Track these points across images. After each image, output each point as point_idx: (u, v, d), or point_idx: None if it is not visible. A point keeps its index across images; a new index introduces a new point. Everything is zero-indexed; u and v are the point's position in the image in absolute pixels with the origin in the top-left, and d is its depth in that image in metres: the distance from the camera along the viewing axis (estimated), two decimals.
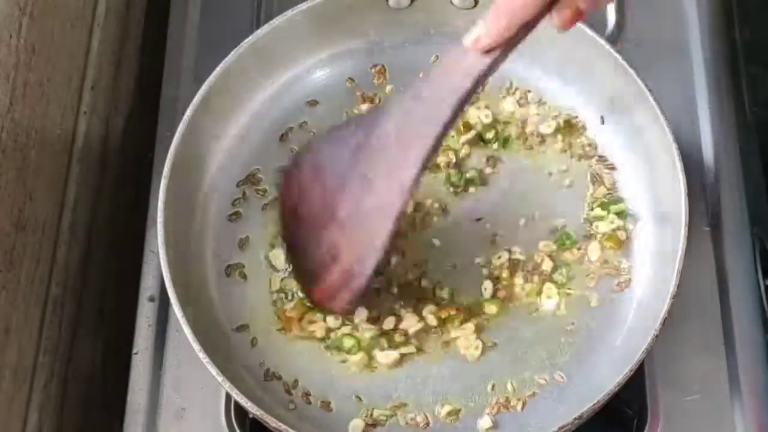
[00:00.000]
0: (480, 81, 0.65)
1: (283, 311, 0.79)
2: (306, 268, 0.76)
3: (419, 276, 0.80)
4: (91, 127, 0.89)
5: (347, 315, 0.77)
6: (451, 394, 0.76)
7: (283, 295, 0.79)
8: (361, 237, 0.71)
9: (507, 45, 0.63)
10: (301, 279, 0.78)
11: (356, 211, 0.71)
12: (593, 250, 0.80)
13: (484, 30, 0.63)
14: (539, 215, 0.81)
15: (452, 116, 0.66)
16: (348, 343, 0.77)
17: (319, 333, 0.78)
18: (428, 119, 0.67)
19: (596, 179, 0.82)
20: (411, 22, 0.86)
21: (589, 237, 0.80)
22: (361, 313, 0.78)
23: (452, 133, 0.84)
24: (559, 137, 0.83)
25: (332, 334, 0.78)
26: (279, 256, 0.80)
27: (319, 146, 0.75)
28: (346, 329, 0.77)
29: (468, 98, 0.66)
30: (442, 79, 0.66)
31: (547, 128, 0.83)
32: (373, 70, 0.87)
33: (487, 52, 0.64)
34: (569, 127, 0.83)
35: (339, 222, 0.72)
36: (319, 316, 0.78)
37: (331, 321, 0.78)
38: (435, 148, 0.67)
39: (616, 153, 0.82)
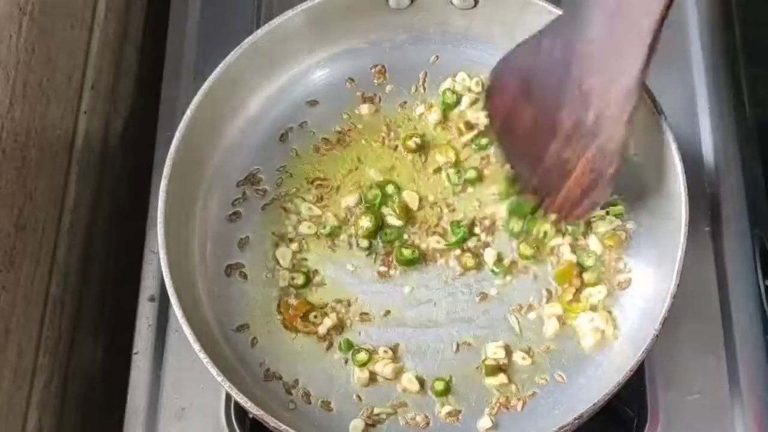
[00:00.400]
0: None
1: (286, 308, 0.79)
2: (533, 182, 0.76)
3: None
4: (91, 127, 0.89)
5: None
6: (451, 394, 0.76)
7: (290, 291, 0.79)
8: (594, 149, 0.70)
9: None
10: (529, 191, 0.78)
11: (581, 122, 0.70)
12: (595, 248, 0.80)
13: None
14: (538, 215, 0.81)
15: (666, 8, 0.64)
16: (361, 357, 0.77)
17: (321, 330, 0.78)
18: (640, 15, 0.64)
19: None
20: (411, 22, 0.86)
21: (589, 236, 0.80)
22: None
23: (452, 133, 0.84)
24: None
25: (335, 333, 0.78)
26: (285, 255, 0.80)
27: (517, 61, 0.73)
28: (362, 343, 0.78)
29: None
30: None
31: None
32: (373, 70, 0.87)
33: None
34: None
35: (564, 136, 0.71)
36: (320, 314, 0.79)
37: (331, 321, 0.78)
38: (654, 45, 0.65)
39: None
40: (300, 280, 0.79)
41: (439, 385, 0.76)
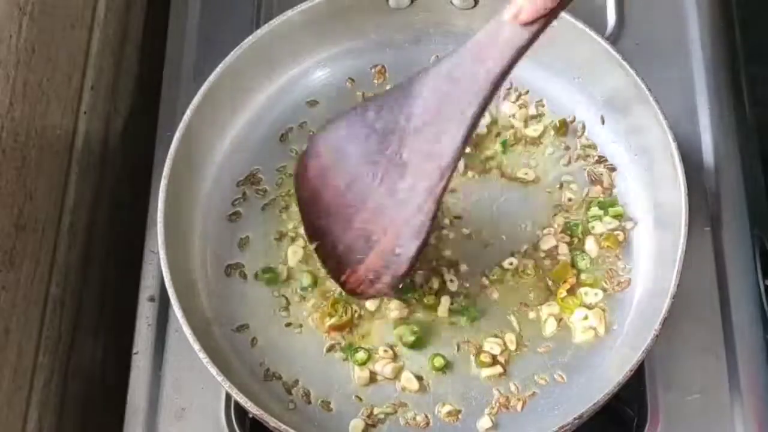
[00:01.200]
0: (519, 55, 0.63)
1: (323, 316, 0.78)
2: (334, 255, 0.75)
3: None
4: (91, 127, 0.89)
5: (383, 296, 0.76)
6: (451, 394, 0.76)
7: (295, 291, 0.80)
8: (400, 221, 0.70)
9: (550, 15, 0.61)
10: (329, 267, 0.76)
11: (392, 194, 0.70)
12: (591, 248, 0.80)
13: (527, 1, 0.61)
14: (538, 215, 0.81)
15: (491, 93, 0.64)
16: (361, 357, 0.77)
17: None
18: (465, 97, 0.65)
19: (595, 179, 0.82)
20: (411, 22, 0.86)
21: (588, 236, 0.80)
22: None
23: None
24: (558, 138, 0.83)
25: (347, 338, 0.78)
26: (297, 252, 0.80)
27: (337, 129, 0.73)
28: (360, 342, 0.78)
29: (506, 74, 0.64)
30: (477, 56, 0.64)
31: (534, 132, 0.83)
32: (373, 70, 0.87)
33: (527, 24, 0.62)
34: (564, 127, 0.83)
35: (372, 207, 0.71)
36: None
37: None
38: (473, 126, 0.66)
39: (615, 153, 0.82)
40: (306, 281, 0.79)
41: (438, 362, 0.76)
